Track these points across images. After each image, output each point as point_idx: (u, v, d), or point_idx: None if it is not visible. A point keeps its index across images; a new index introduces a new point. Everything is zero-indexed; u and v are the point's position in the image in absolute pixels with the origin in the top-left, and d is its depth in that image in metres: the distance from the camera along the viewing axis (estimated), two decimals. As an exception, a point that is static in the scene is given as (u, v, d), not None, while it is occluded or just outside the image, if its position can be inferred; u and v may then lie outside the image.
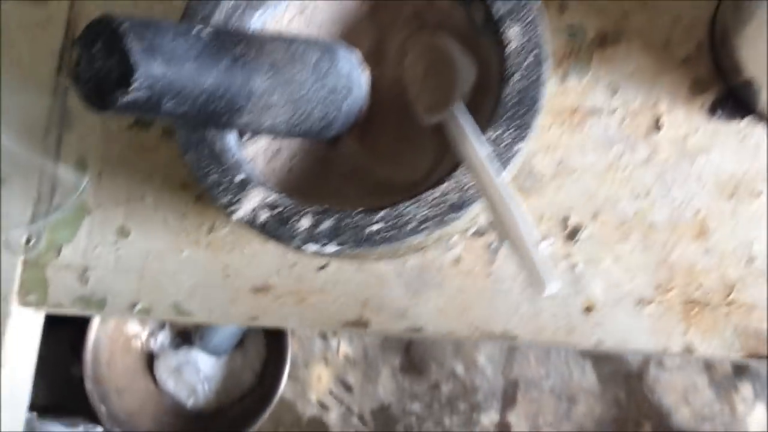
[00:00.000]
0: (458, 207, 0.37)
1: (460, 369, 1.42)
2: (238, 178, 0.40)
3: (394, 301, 0.51)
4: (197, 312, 0.53)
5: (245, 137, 0.44)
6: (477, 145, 0.37)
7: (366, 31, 0.46)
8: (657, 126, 0.50)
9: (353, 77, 0.41)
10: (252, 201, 0.39)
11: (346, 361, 1.38)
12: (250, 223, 0.39)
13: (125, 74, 0.32)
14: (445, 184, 0.37)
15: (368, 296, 0.51)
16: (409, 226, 0.37)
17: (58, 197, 0.55)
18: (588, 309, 0.48)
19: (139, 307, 0.53)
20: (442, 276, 0.50)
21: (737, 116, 0.48)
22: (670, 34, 0.51)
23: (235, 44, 0.37)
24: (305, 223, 0.38)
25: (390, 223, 0.38)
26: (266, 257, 0.53)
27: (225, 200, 0.40)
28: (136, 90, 0.33)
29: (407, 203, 0.38)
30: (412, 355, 1.42)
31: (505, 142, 0.37)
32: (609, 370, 1.37)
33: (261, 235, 0.39)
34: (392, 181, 0.43)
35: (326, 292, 0.52)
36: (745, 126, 0.49)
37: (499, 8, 0.39)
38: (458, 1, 0.43)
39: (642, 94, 0.50)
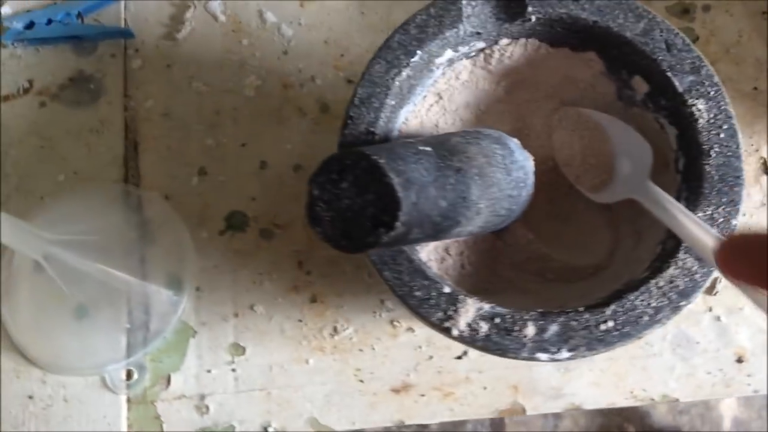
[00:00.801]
0: (689, 293, 0.37)
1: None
2: (445, 290, 0.37)
3: (545, 382, 0.50)
4: (337, 424, 0.49)
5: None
6: (689, 213, 0.36)
7: (503, 113, 0.45)
8: (765, 170, 0.52)
9: (527, 166, 0.40)
10: (468, 314, 0.37)
11: None
12: (471, 338, 0.37)
13: (388, 211, 0.30)
14: (671, 271, 0.37)
15: (517, 380, 0.50)
16: (644, 320, 0.37)
17: (154, 322, 0.50)
18: (740, 359, 0.49)
19: (272, 429, 0.49)
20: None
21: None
22: (756, 78, 0.53)
23: (451, 156, 0.35)
24: (530, 331, 0.37)
25: (622, 320, 0.37)
26: (399, 354, 0.50)
27: (438, 317, 0.37)
28: (400, 226, 0.30)
29: (633, 295, 0.37)
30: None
31: (719, 220, 0.38)
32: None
33: (483, 349, 0.37)
34: (572, 266, 0.42)
35: (472, 381, 0.50)
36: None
37: (679, 83, 0.39)
38: (607, 77, 0.43)
39: (743, 142, 0.52)
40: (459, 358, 0.50)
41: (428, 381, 0.50)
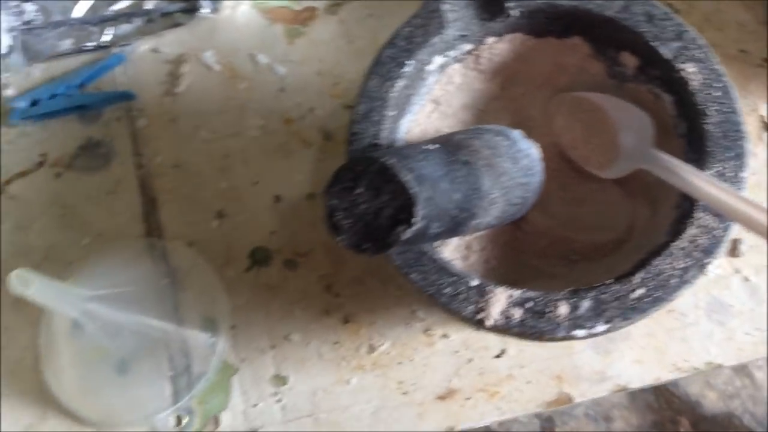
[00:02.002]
0: (712, 249, 0.37)
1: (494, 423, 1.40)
2: (473, 283, 0.38)
3: (587, 367, 0.50)
4: (387, 439, 0.49)
5: (436, 244, 0.42)
6: (699, 172, 0.37)
7: (502, 109, 0.46)
8: (766, 127, 0.52)
9: (533, 154, 0.41)
10: (499, 303, 0.38)
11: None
12: (505, 326, 0.37)
13: (405, 208, 0.31)
14: (691, 231, 0.38)
15: (560, 369, 0.50)
16: (673, 282, 0.37)
17: (196, 365, 0.51)
18: (775, 315, 0.49)
19: (325, 453, 0.49)
20: (626, 328, 0.49)
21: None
22: (741, 40, 0.54)
23: (458, 151, 0.36)
24: (563, 310, 0.37)
25: (652, 285, 0.37)
26: (438, 361, 0.51)
27: (470, 310, 0.38)
28: (418, 221, 0.31)
29: (658, 260, 0.37)
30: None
31: (728, 175, 0.38)
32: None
33: (519, 335, 0.38)
34: (595, 244, 0.43)
35: (515, 377, 0.50)
36: None
37: (666, 51, 0.40)
38: (595, 58, 0.44)
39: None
40: (498, 356, 0.51)
41: (472, 384, 0.50)
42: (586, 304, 0.37)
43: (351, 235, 0.32)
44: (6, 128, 0.56)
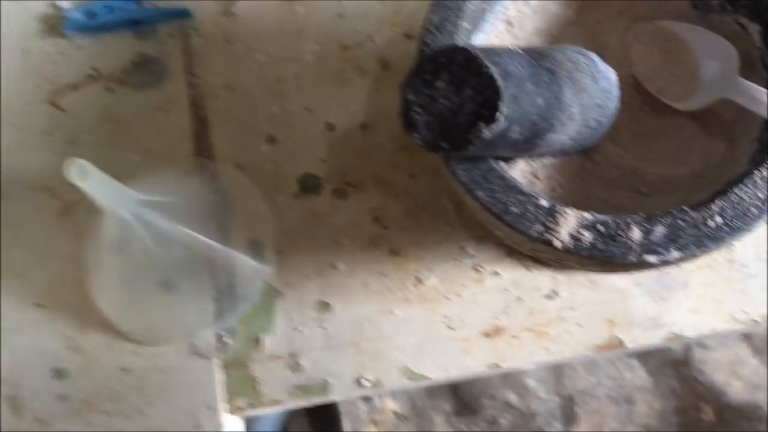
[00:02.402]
0: (795, 181, 0.35)
1: (513, 398, 1.39)
2: (543, 203, 0.36)
3: (641, 313, 0.48)
4: (431, 372, 0.49)
5: (504, 165, 0.41)
6: None
7: (576, 36, 0.45)
8: None
9: (611, 77, 0.40)
10: (568, 224, 0.36)
11: (396, 418, 1.32)
12: (575, 247, 0.36)
13: (489, 104, 0.29)
14: (774, 161, 0.36)
15: (612, 314, 0.48)
16: (752, 211, 0.35)
17: (240, 287, 0.50)
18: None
19: (366, 381, 0.48)
20: (684, 275, 0.48)
21: None
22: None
23: (542, 58, 0.34)
24: (635, 234, 0.36)
25: (730, 214, 0.35)
26: (487, 298, 0.50)
27: (537, 230, 0.36)
28: (501, 119, 0.29)
29: (738, 189, 0.36)
30: (461, 395, 1.38)
31: (819, 108, 0.36)
32: (656, 362, 1.38)
33: (589, 258, 0.36)
34: (667, 177, 0.41)
35: (565, 320, 0.49)
36: None
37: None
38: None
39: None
40: (549, 297, 0.49)
41: (520, 323, 0.49)
42: (660, 230, 0.36)
43: (427, 132, 0.31)
44: (60, 39, 0.55)
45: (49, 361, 0.49)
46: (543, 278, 0.50)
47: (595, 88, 0.37)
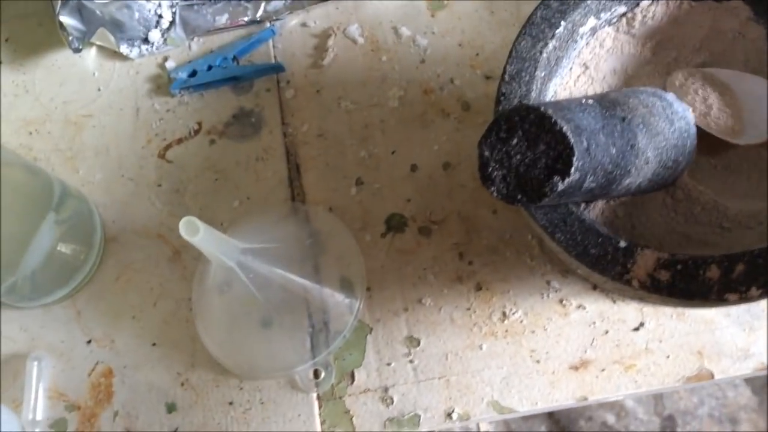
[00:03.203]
0: None
1: (610, 419, 1.37)
2: (621, 244, 0.38)
3: (730, 343, 0.48)
4: (518, 405, 0.50)
5: (582, 207, 0.42)
6: None
7: (652, 74, 0.46)
8: None
9: (688, 117, 0.40)
10: (646, 264, 0.37)
11: (491, 441, 1.32)
12: (654, 286, 0.37)
13: (562, 158, 0.31)
14: None
15: (701, 345, 0.48)
16: (840, 250, 0.35)
17: (333, 323, 0.53)
18: None
19: (455, 414, 0.50)
20: (775, 305, 0.47)
21: None
22: None
23: (614, 107, 0.36)
24: (714, 273, 0.36)
25: (813, 251, 0.35)
26: (572, 331, 0.51)
27: (616, 270, 0.37)
28: (575, 172, 0.31)
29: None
30: (557, 416, 1.36)
31: None
32: (761, 379, 1.32)
33: (668, 297, 0.37)
34: (749, 212, 0.42)
35: (653, 351, 0.49)
36: None
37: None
38: (756, 22, 0.43)
39: None
40: (636, 329, 0.50)
41: (607, 355, 0.50)
42: (740, 268, 0.36)
43: (504, 185, 0.33)
44: (167, 98, 0.61)
45: (162, 396, 0.53)
46: (629, 311, 0.50)
47: (671, 129, 0.38)
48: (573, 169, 0.31)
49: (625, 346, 0.50)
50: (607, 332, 0.50)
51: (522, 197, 0.32)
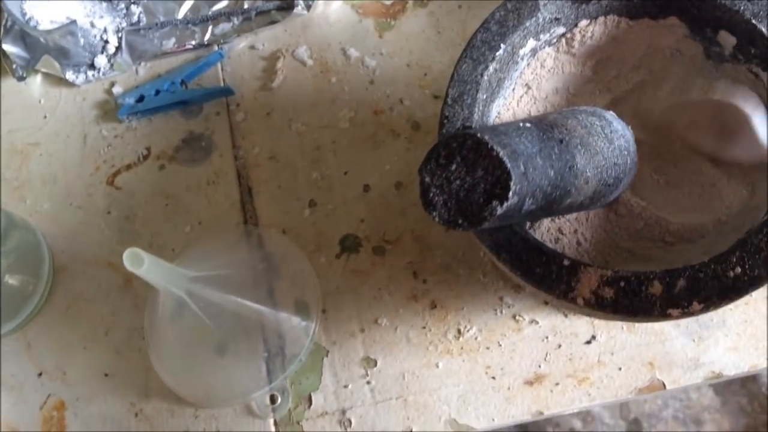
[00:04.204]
0: (815, 227, 0.36)
1: (578, 425, 1.38)
2: (565, 263, 0.38)
3: (681, 354, 0.49)
4: (475, 422, 0.50)
5: (527, 226, 0.43)
6: None
7: (593, 93, 0.46)
8: None
9: (627, 135, 0.41)
10: (590, 282, 0.38)
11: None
12: (599, 304, 0.37)
13: (500, 183, 0.31)
14: (793, 210, 0.37)
15: (652, 356, 0.49)
16: (773, 260, 0.36)
17: (289, 347, 0.53)
18: None
19: (414, 434, 0.50)
20: (721, 314, 0.49)
21: None
22: None
23: (552, 129, 0.36)
24: (657, 288, 0.37)
25: (750, 264, 0.36)
26: (526, 347, 0.51)
27: (561, 288, 0.38)
28: (512, 196, 0.31)
29: (757, 239, 0.37)
30: (524, 424, 1.37)
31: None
32: (723, 381, 1.34)
33: (613, 314, 0.37)
34: (691, 226, 0.42)
35: (605, 364, 0.50)
36: None
37: (766, 28, 0.40)
38: (692, 39, 0.44)
39: None
40: (588, 342, 0.50)
41: (561, 369, 0.50)
42: (681, 283, 0.37)
43: (445, 211, 0.33)
44: (115, 124, 0.60)
45: (116, 428, 0.52)
46: (581, 324, 0.51)
47: (610, 148, 0.39)
48: (511, 194, 0.31)
49: (578, 359, 0.50)
50: (560, 346, 0.51)
51: (463, 222, 0.32)
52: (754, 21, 0.40)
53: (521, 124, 0.35)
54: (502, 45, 0.42)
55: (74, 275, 0.56)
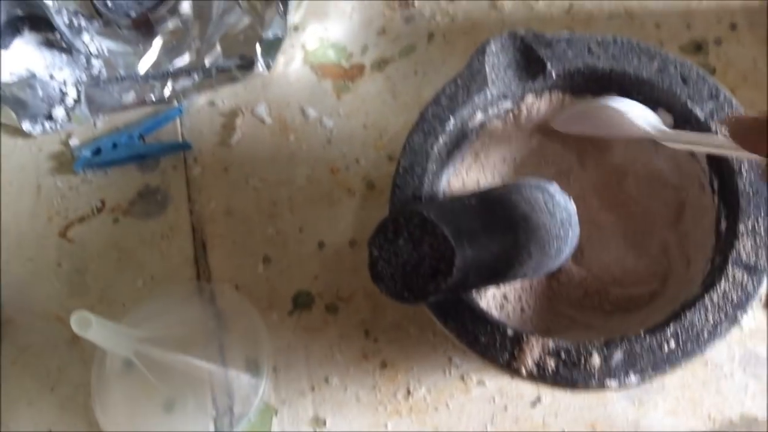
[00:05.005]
0: (743, 304, 0.38)
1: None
2: (509, 332, 0.39)
3: (621, 417, 0.50)
4: (423, 484, 0.50)
5: (473, 293, 0.44)
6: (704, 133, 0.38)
7: (539, 163, 0.48)
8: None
9: (569, 208, 0.43)
10: (534, 352, 0.39)
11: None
12: (540, 375, 0.38)
13: (444, 259, 0.33)
14: (722, 285, 0.39)
15: (594, 419, 0.50)
16: (704, 335, 0.38)
17: (238, 406, 0.53)
18: (812, 371, 0.49)
19: (361, 496, 0.50)
20: (660, 379, 0.50)
21: None
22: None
23: (495, 206, 0.38)
24: (596, 360, 0.38)
25: (683, 338, 0.38)
26: (474, 408, 0.52)
27: (505, 358, 0.39)
28: (456, 272, 0.33)
29: (690, 314, 0.38)
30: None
31: (760, 231, 0.39)
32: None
33: (553, 384, 0.39)
34: (629, 296, 0.44)
35: (550, 426, 0.51)
36: None
37: (700, 111, 0.42)
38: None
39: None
40: (533, 404, 0.51)
41: (508, 429, 0.51)
42: (618, 356, 0.38)
43: (392, 283, 0.34)
44: (70, 175, 0.60)
45: (59, 488, 0.51)
46: (526, 386, 0.52)
47: (553, 222, 0.41)
48: (455, 270, 0.33)
49: (524, 421, 0.51)
50: (506, 408, 0.51)
51: (408, 295, 0.33)
52: (689, 103, 0.42)
53: (467, 201, 0.37)
54: (451, 118, 0.43)
55: (21, 328, 0.56)
